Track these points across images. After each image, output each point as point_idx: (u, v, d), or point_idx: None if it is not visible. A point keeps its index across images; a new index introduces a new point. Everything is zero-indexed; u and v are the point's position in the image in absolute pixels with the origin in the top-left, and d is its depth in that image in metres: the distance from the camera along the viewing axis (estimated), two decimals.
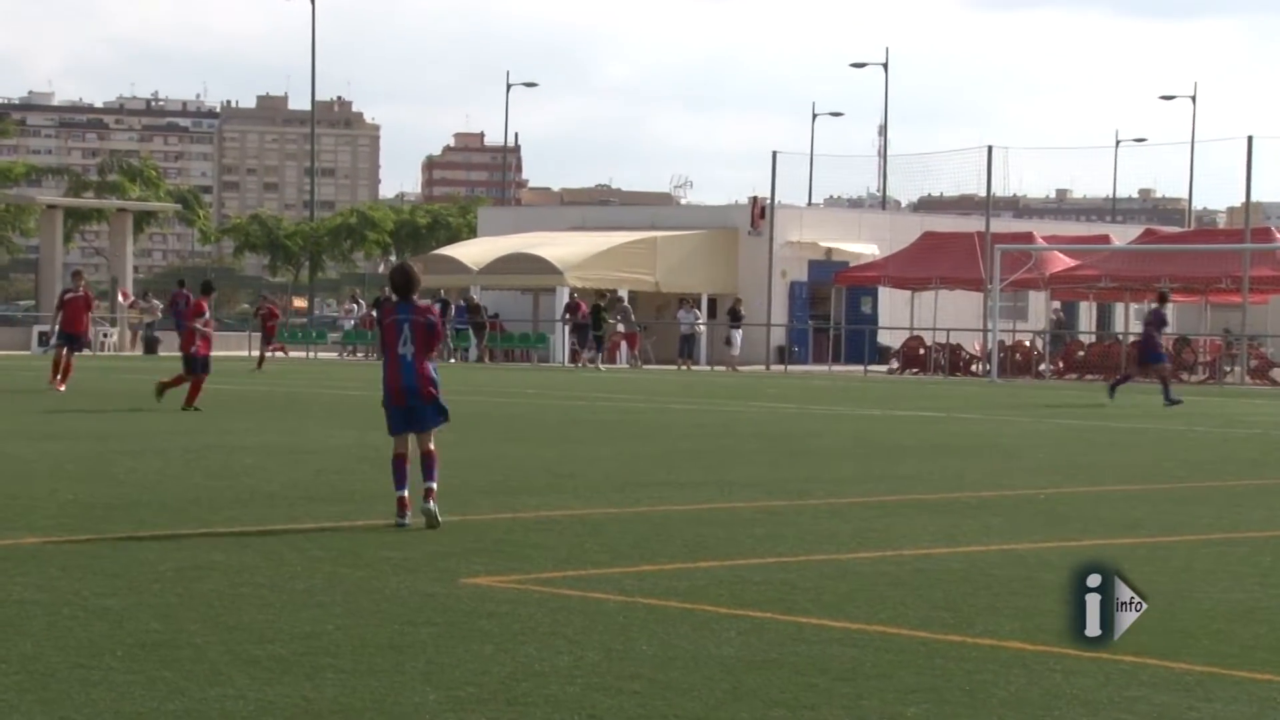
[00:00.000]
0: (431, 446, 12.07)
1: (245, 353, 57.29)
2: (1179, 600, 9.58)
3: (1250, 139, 46.84)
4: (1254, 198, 49.27)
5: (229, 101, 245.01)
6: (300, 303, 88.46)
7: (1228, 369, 46.37)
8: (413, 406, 12.12)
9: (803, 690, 7.12)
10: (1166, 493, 15.70)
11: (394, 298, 12.38)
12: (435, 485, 11.89)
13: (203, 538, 11.39)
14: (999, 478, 16.83)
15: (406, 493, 11.93)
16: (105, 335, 57.25)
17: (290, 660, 7.52)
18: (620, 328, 53.13)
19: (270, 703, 6.78)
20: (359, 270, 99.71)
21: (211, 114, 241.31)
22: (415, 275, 12.32)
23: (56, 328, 30.07)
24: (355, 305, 62.21)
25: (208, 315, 25.02)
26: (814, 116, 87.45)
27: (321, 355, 58.05)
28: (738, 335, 51.81)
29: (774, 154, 54.54)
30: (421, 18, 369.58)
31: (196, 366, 24.41)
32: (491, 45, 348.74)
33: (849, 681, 7.29)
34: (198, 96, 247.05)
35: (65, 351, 29.02)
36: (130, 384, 29.19)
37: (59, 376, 28.62)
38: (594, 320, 51.20)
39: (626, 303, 53.81)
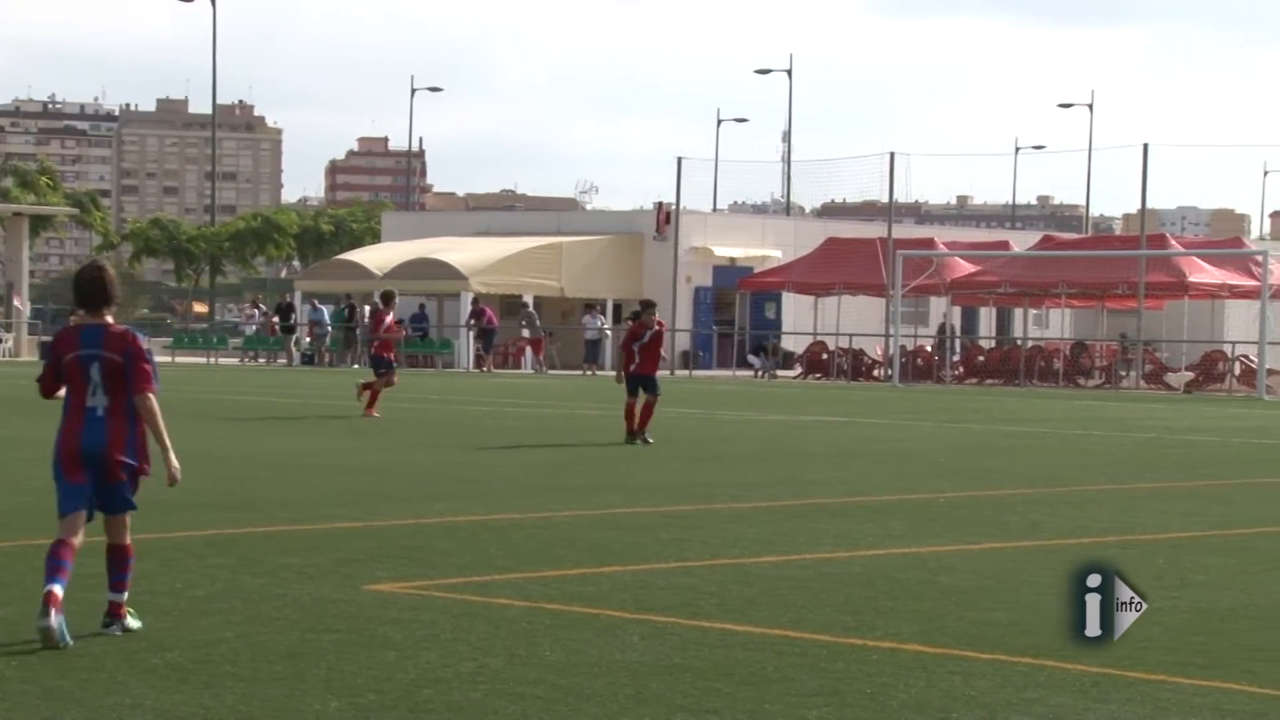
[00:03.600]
0: (126, 540, 8.28)
1: None
2: None
3: (1146, 146, 47.54)
4: (1149, 204, 50.06)
5: (128, 104, 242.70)
6: (201, 308, 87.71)
7: (1124, 374, 46.98)
8: (95, 482, 8.14)
9: (705, 695, 7.15)
10: (1064, 496, 15.89)
11: (76, 318, 8.52)
12: (126, 596, 8.27)
13: (100, 545, 11.24)
14: (900, 482, 16.97)
15: (59, 588, 7.94)
16: (0, 340, 56.53)
17: (189, 668, 7.46)
18: (525, 332, 53.09)
19: (168, 711, 6.72)
20: (260, 275, 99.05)
21: (110, 117, 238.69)
22: (111, 282, 8.23)
23: (370, 353, 27.46)
24: (256, 310, 61.71)
25: None
26: (719, 122, 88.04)
27: (223, 361, 57.57)
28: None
29: (679, 160, 54.73)
30: (324, 21, 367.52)
31: None
32: (396, 49, 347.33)
33: (752, 686, 7.33)
34: (96, 99, 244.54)
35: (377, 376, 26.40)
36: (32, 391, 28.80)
37: (370, 404, 25.96)
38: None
39: (531, 308, 53.77)
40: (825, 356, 50.29)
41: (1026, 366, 46.96)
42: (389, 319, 27.11)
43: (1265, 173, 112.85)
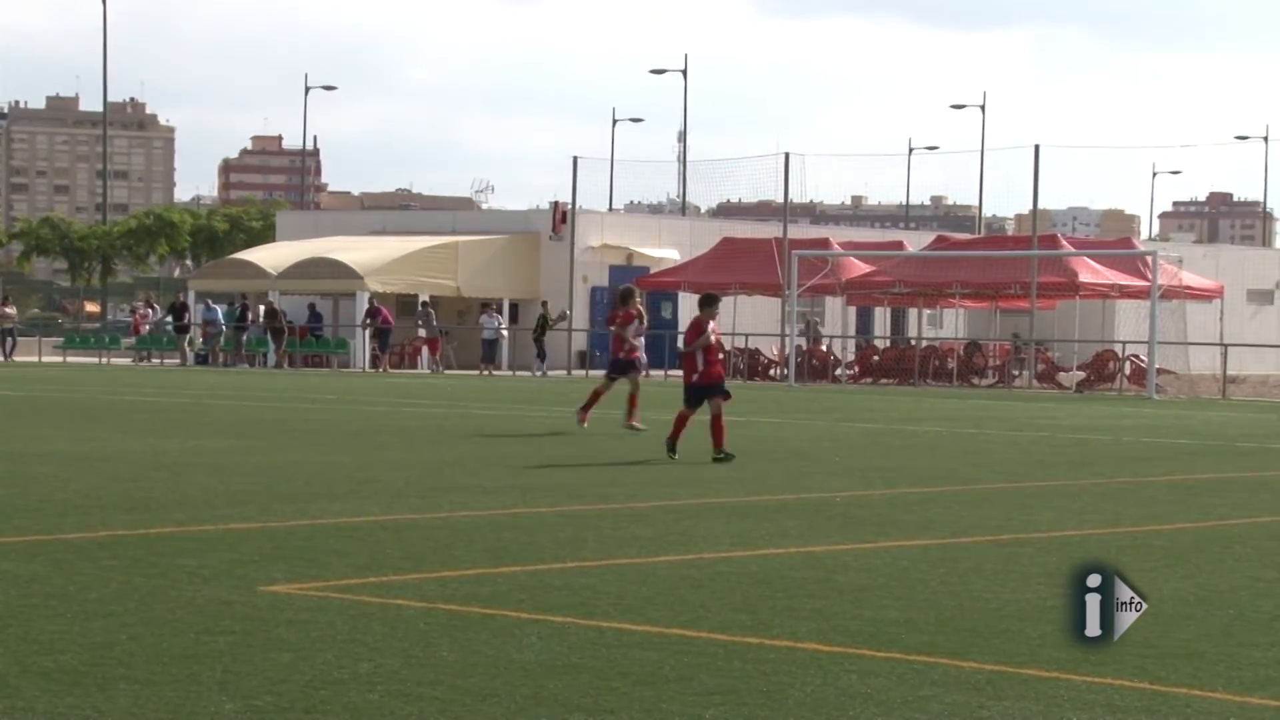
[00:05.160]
0: None
1: (35, 358, 55.93)
2: (969, 600, 9.81)
3: (1037, 148, 48.09)
4: (1040, 205, 50.58)
5: (17, 102, 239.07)
6: (92, 307, 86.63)
7: (1016, 373, 47.51)
8: None
9: (603, 694, 7.16)
10: (958, 495, 16.05)
11: None
12: None
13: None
14: (796, 481, 17.06)
15: None
16: None
17: (82, 671, 7.38)
18: (421, 332, 52.87)
19: (61, 715, 6.64)
20: (153, 274, 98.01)
21: None
22: None
23: (620, 357, 24.20)
24: (150, 310, 61.03)
25: None
26: (615, 122, 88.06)
27: (115, 361, 56.89)
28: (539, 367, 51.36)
29: (575, 159, 54.73)
30: (217, 18, 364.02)
31: None
32: (290, 47, 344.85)
33: (649, 685, 7.35)
34: None
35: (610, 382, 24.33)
36: None
37: (586, 408, 23.98)
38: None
39: (429, 308, 53.55)
40: (721, 356, 50.43)
41: (921, 366, 47.35)
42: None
43: (1154, 174, 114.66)
